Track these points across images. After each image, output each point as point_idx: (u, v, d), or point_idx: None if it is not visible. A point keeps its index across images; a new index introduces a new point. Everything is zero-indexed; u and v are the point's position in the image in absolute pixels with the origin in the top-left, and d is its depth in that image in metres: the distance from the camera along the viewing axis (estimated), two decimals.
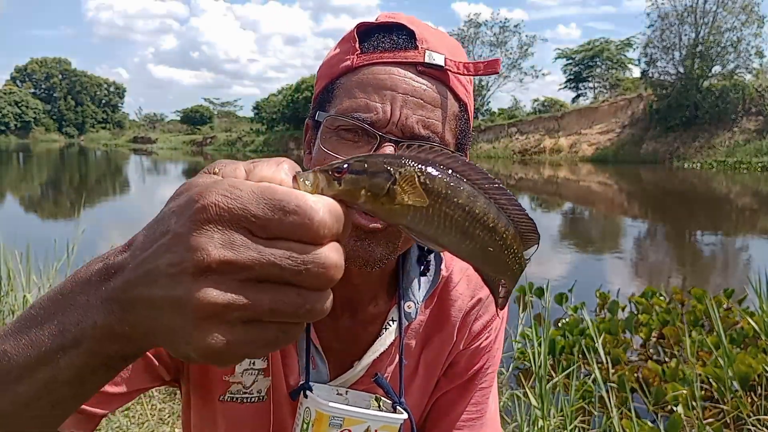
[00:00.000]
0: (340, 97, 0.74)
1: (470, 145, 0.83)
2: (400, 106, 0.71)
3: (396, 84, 0.72)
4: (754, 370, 3.28)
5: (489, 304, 0.94)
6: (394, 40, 0.74)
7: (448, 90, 0.75)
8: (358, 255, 0.73)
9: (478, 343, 0.92)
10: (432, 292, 0.89)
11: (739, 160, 27.46)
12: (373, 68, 0.73)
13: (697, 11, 33.90)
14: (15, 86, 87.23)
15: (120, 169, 32.81)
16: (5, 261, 3.98)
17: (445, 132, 0.74)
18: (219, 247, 0.36)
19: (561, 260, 8.50)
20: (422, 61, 0.73)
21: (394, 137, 0.71)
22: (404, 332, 0.86)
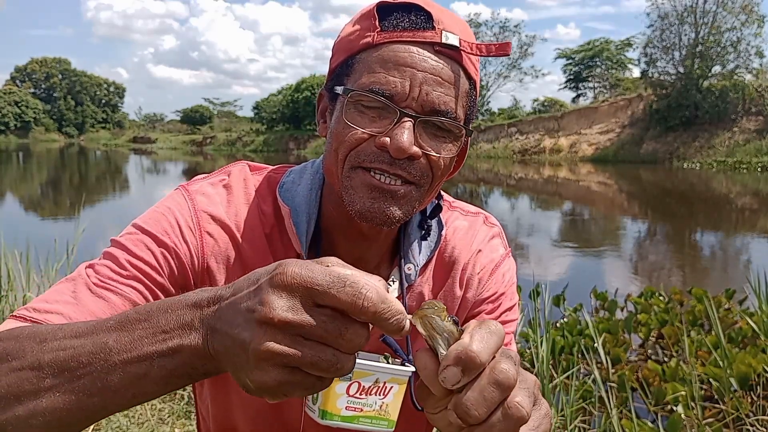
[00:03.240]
0: (360, 72, 0.78)
1: (476, 116, 0.87)
2: (420, 83, 0.75)
3: (415, 62, 0.76)
4: (754, 369, 3.28)
5: (491, 253, 0.97)
6: (412, 20, 0.77)
7: (461, 69, 0.80)
8: (374, 214, 0.78)
9: (490, 292, 0.95)
10: (432, 255, 0.92)
11: (739, 160, 27.45)
12: (393, 46, 0.77)
13: (697, 11, 33.88)
14: (15, 86, 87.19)
15: (120, 169, 32.80)
16: (5, 261, 3.98)
17: (458, 108, 0.79)
18: (283, 307, 0.46)
19: (560, 260, 8.51)
20: (439, 41, 0.77)
21: (413, 112, 0.76)
22: (406, 292, 0.90)
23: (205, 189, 0.87)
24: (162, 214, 0.83)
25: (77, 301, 0.74)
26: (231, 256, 0.85)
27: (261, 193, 0.89)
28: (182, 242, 0.82)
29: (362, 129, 0.77)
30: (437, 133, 0.79)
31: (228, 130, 62.22)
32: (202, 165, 34.60)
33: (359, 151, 0.77)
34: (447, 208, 0.98)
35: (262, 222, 0.87)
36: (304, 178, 0.90)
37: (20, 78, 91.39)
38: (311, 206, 0.87)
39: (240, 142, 55.11)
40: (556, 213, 14.92)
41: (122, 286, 0.76)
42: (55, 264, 4.15)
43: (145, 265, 0.79)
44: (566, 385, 3.19)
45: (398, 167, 0.77)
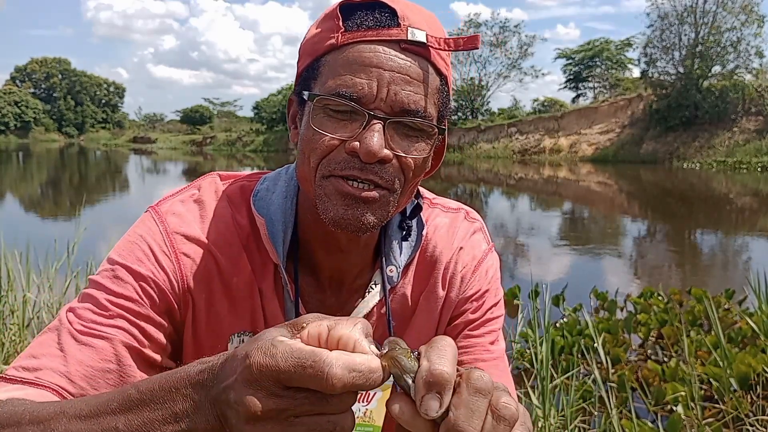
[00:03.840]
0: (326, 75, 0.76)
1: (450, 114, 0.85)
2: (387, 83, 0.73)
3: (382, 62, 0.74)
4: (754, 369, 3.28)
5: (473, 249, 0.95)
6: (377, 18, 0.75)
7: (430, 65, 0.77)
8: (349, 222, 0.76)
9: (473, 290, 0.94)
10: (414, 255, 0.91)
11: (739, 160, 27.44)
12: (357, 46, 0.75)
13: (697, 11, 33.87)
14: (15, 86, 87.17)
15: (120, 169, 32.80)
16: (5, 261, 3.97)
17: (428, 106, 0.76)
18: (261, 399, 0.47)
19: (560, 260, 8.51)
20: (405, 38, 0.74)
21: (383, 113, 0.74)
22: (388, 295, 0.89)
23: (175, 208, 0.85)
24: (134, 243, 0.82)
25: (64, 353, 0.73)
26: (211, 274, 0.84)
27: (235, 203, 0.87)
28: (159, 269, 0.81)
29: (331, 134, 0.75)
30: (409, 133, 0.77)
31: (228, 130, 62.20)
32: (202, 165, 34.60)
33: (330, 159, 0.76)
34: (428, 205, 0.96)
35: (238, 233, 0.86)
36: (279, 186, 0.88)
37: (20, 78, 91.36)
38: (287, 215, 0.86)
39: (240, 142, 55.11)
40: (555, 213, 14.92)
41: (107, 329, 0.76)
42: (55, 264, 4.15)
43: (125, 300, 0.78)
44: (566, 385, 3.18)
45: (370, 172, 0.75)
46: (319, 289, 0.89)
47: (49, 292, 3.97)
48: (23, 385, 0.71)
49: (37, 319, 3.74)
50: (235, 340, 0.85)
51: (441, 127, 0.79)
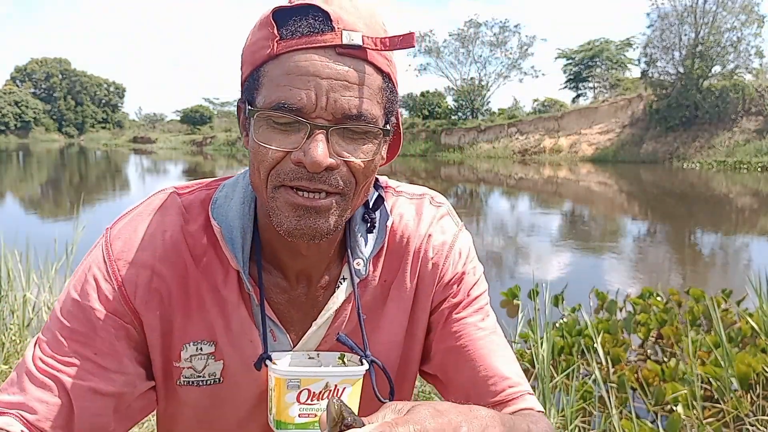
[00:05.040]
0: (266, 86, 0.75)
1: (398, 109, 0.85)
2: (326, 92, 0.73)
3: (318, 70, 0.73)
4: (754, 369, 3.28)
5: (441, 234, 0.95)
6: (310, 23, 0.74)
7: (369, 66, 0.76)
8: (302, 232, 0.77)
9: (450, 275, 0.94)
10: (381, 246, 0.91)
11: (739, 160, 27.44)
12: (293, 55, 0.74)
13: (697, 11, 33.86)
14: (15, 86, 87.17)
15: (120, 169, 32.81)
16: (5, 261, 3.97)
17: (371, 107, 0.75)
18: None
19: (560, 260, 8.51)
20: (340, 43, 0.73)
21: (326, 122, 0.73)
22: (357, 288, 0.89)
23: (122, 231, 0.87)
24: (84, 273, 0.85)
25: (24, 391, 0.80)
26: (160, 291, 0.85)
27: (191, 213, 0.88)
28: (104, 300, 0.83)
29: (276, 147, 0.75)
30: (354, 137, 0.76)
31: (228, 130, 62.21)
32: (202, 165, 34.61)
33: (278, 170, 0.76)
34: (392, 194, 0.96)
35: (189, 246, 0.86)
36: (237, 192, 0.89)
37: (20, 78, 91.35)
38: (245, 220, 0.86)
39: (240, 142, 55.10)
40: (555, 213, 14.92)
41: (61, 366, 0.81)
42: (54, 264, 4.15)
43: (77, 335, 0.82)
44: (566, 386, 3.19)
45: (318, 181, 0.75)
46: (288, 288, 0.90)
47: (49, 292, 3.97)
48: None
49: (37, 319, 3.74)
50: (189, 348, 0.87)
51: (385, 129, 0.79)
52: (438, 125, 43.24)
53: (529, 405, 0.89)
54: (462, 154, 39.66)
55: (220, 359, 0.88)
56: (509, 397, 0.89)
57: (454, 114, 46.43)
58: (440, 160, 36.43)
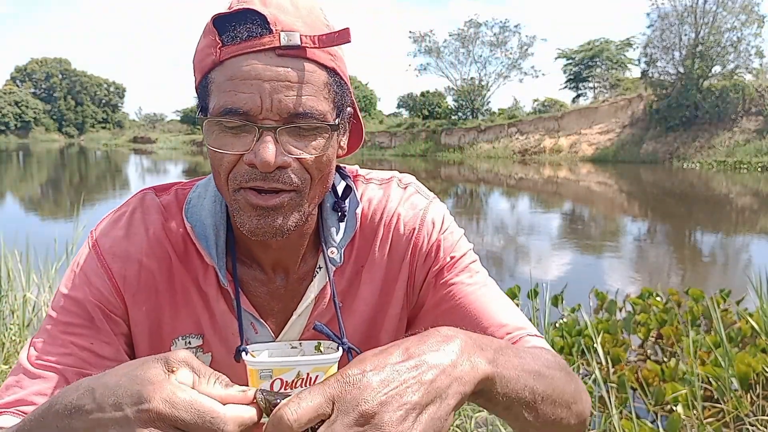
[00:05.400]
0: (214, 92, 0.77)
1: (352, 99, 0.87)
2: (269, 93, 0.74)
3: (259, 73, 0.74)
4: (754, 369, 3.28)
5: (411, 210, 0.95)
6: (249, 28, 0.75)
7: (312, 63, 0.77)
8: (263, 231, 0.80)
9: (426, 246, 0.95)
10: (353, 233, 0.93)
11: (739, 160, 27.43)
12: (236, 60, 0.75)
13: (697, 11, 33.85)
14: (15, 86, 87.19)
15: (120, 169, 32.81)
16: (5, 261, 3.98)
17: (317, 104, 0.77)
18: None
19: (559, 260, 8.51)
20: (279, 44, 0.75)
21: (273, 122, 0.75)
22: (332, 276, 0.91)
23: (106, 229, 0.90)
24: (73, 271, 0.88)
25: (22, 388, 0.81)
26: (148, 285, 0.88)
27: (170, 211, 0.91)
28: (95, 291, 0.85)
29: (229, 152, 0.77)
30: (303, 134, 0.78)
31: None
32: (202, 165, 34.60)
33: (235, 173, 0.78)
34: (362, 182, 0.98)
35: (171, 241, 0.89)
36: (209, 191, 0.92)
37: (20, 78, 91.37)
38: (216, 217, 0.89)
39: None
40: (555, 213, 14.92)
41: (58, 357, 0.82)
42: (55, 264, 4.15)
43: (72, 327, 0.84)
44: None
45: (272, 180, 0.77)
46: (266, 280, 0.92)
47: (49, 292, 3.97)
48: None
49: (37, 319, 3.74)
50: (179, 342, 0.90)
51: (333, 124, 0.80)
52: (438, 125, 43.23)
53: (534, 345, 0.87)
54: (462, 154, 39.65)
55: (209, 351, 0.90)
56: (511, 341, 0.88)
57: (454, 114, 46.44)
58: (440, 160, 36.44)
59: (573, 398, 0.79)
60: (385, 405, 0.55)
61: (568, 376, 0.81)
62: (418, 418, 0.56)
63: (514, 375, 0.69)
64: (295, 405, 0.55)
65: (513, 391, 0.68)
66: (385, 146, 44.12)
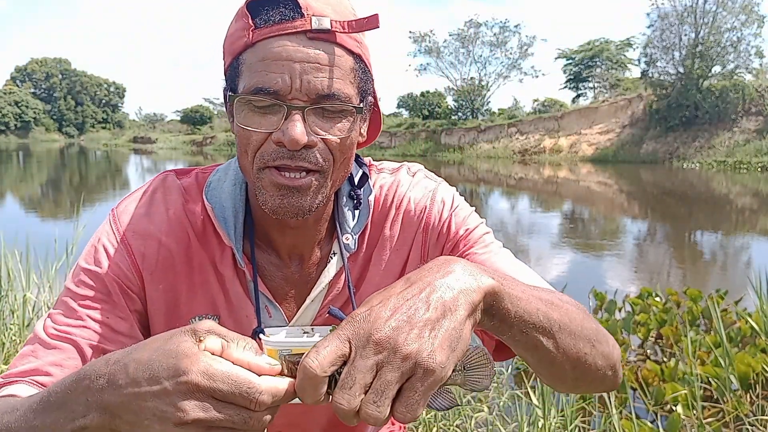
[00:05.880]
0: (245, 73, 0.81)
1: (374, 88, 0.90)
2: (299, 74, 0.78)
3: (291, 54, 0.78)
4: (753, 369, 3.28)
5: (419, 193, 0.98)
6: (281, 12, 0.79)
7: (340, 48, 0.81)
8: (286, 210, 0.82)
9: (438, 228, 0.97)
10: (367, 220, 0.96)
11: (739, 160, 27.43)
12: (268, 42, 0.79)
13: (697, 11, 33.85)
14: (15, 86, 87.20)
15: (120, 169, 32.81)
16: (5, 261, 3.97)
17: (343, 87, 0.81)
18: (195, 409, 0.54)
19: (559, 260, 8.51)
20: (310, 28, 0.78)
21: (302, 102, 0.79)
22: (347, 262, 0.94)
23: (128, 207, 0.92)
24: (93, 246, 0.90)
25: (38, 358, 0.82)
26: (166, 263, 0.90)
27: (190, 193, 0.94)
28: (114, 266, 0.87)
29: (257, 129, 0.80)
30: (329, 115, 0.81)
31: (228, 131, 62.11)
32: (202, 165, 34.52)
33: (262, 151, 0.81)
34: (375, 172, 1.02)
35: (191, 222, 0.91)
36: (229, 175, 0.94)
37: (20, 78, 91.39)
38: (236, 200, 0.91)
39: None
40: (555, 213, 14.92)
41: (75, 330, 0.83)
42: (55, 264, 4.15)
43: (90, 301, 0.85)
44: None
45: (299, 159, 0.80)
46: (281, 265, 0.94)
47: (49, 292, 3.97)
48: (5, 387, 0.79)
49: (37, 319, 3.74)
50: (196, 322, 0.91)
51: (358, 107, 0.83)
52: (438, 125, 43.22)
53: None
54: (462, 154, 39.64)
55: None
56: None
57: (454, 114, 46.44)
58: (440, 160, 36.43)
59: (596, 336, 0.78)
60: (398, 329, 0.55)
61: (587, 316, 0.79)
62: (432, 333, 0.56)
63: (524, 296, 0.68)
64: (315, 353, 0.55)
65: (524, 311, 0.67)
66: (385, 146, 44.11)
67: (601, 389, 0.84)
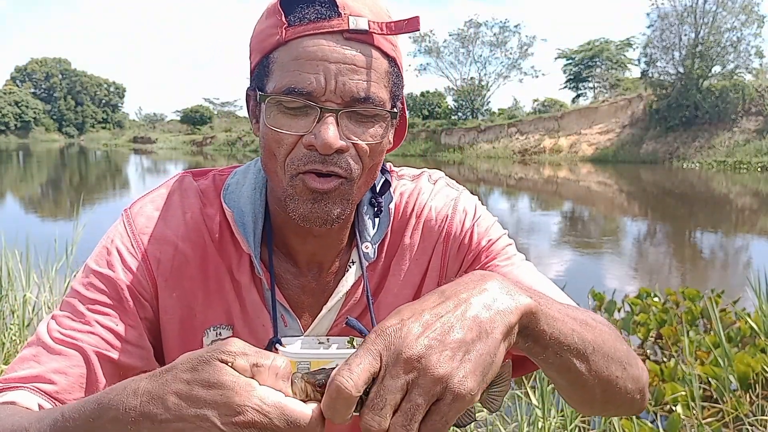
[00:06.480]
0: (276, 73, 0.77)
1: (403, 94, 0.86)
2: (334, 75, 0.74)
3: (326, 54, 0.74)
4: (753, 369, 3.28)
5: (441, 201, 0.95)
6: (317, 10, 0.75)
7: (376, 50, 0.78)
8: (316, 216, 0.78)
9: (459, 238, 0.93)
10: (387, 229, 0.92)
11: (739, 160, 27.43)
12: (302, 41, 0.75)
13: (697, 11, 33.86)
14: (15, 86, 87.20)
15: (120, 169, 32.80)
16: (5, 261, 3.98)
17: (378, 90, 0.77)
18: None
19: (559, 260, 8.51)
20: (347, 28, 0.75)
21: (335, 105, 0.75)
22: (366, 271, 0.90)
23: (144, 209, 0.88)
24: (105, 247, 0.85)
25: (40, 363, 0.76)
26: (181, 270, 0.85)
27: (208, 197, 0.89)
28: (127, 271, 0.83)
29: (288, 132, 0.76)
30: (362, 120, 0.78)
31: (228, 130, 62.11)
32: (202, 165, 34.49)
33: (293, 157, 0.77)
34: (395, 178, 0.98)
35: (208, 228, 0.87)
36: (248, 178, 0.90)
37: (20, 78, 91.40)
38: (256, 205, 0.87)
39: (240, 142, 55.07)
40: (555, 213, 14.92)
41: (81, 335, 0.78)
42: (55, 264, 4.15)
43: (100, 306, 0.80)
44: None
45: (331, 164, 0.76)
46: (299, 274, 0.91)
47: (49, 292, 3.97)
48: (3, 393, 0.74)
49: (37, 319, 3.74)
50: (210, 334, 0.87)
51: (392, 111, 0.81)
52: (438, 125, 43.23)
53: None
54: (462, 154, 39.65)
55: None
56: None
57: (454, 114, 46.45)
58: (440, 160, 36.43)
59: (627, 359, 0.75)
60: (430, 348, 0.52)
61: (618, 337, 0.76)
62: (465, 356, 0.53)
63: (559, 316, 0.65)
64: (348, 371, 0.51)
65: (560, 332, 0.64)
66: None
67: (629, 412, 0.81)
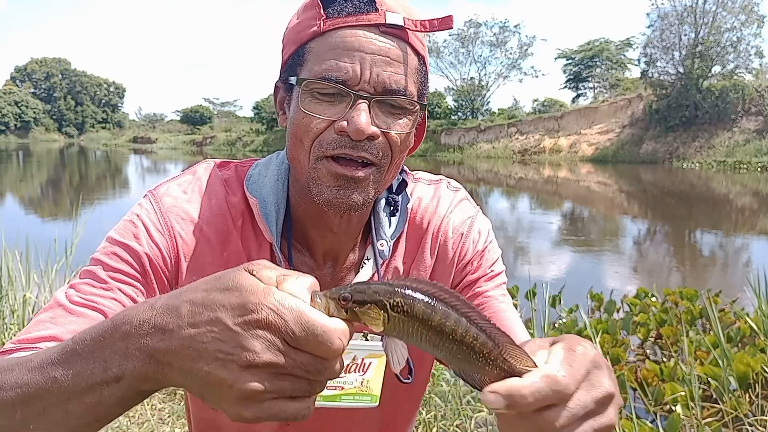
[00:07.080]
0: (311, 61, 0.80)
1: (428, 90, 0.89)
2: (369, 65, 0.78)
3: (363, 45, 0.78)
4: (752, 369, 3.29)
5: (460, 215, 0.98)
6: (356, 4, 0.79)
7: (408, 46, 0.82)
8: (341, 202, 0.80)
9: (470, 252, 0.98)
10: (402, 228, 0.95)
11: (738, 160, 27.44)
12: (339, 32, 0.79)
13: (697, 11, 33.87)
14: (15, 86, 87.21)
15: (120, 169, 32.80)
16: (5, 261, 3.98)
17: (408, 84, 0.81)
18: (265, 350, 0.49)
19: (558, 260, 8.51)
20: (384, 22, 0.79)
21: (367, 94, 0.78)
22: (380, 268, 0.93)
23: (170, 190, 0.89)
24: (131, 221, 0.85)
25: (57, 324, 0.75)
26: (203, 251, 0.87)
27: (230, 186, 0.91)
28: (154, 246, 0.83)
29: (320, 116, 0.79)
30: (392, 111, 0.81)
31: (228, 130, 62.15)
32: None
33: (321, 140, 0.79)
34: (411, 180, 1.01)
35: (232, 215, 0.89)
36: (270, 170, 0.92)
37: (20, 78, 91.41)
38: (278, 196, 0.90)
39: (240, 142, 55.10)
40: (554, 213, 14.92)
41: (103, 300, 0.78)
42: (55, 264, 4.16)
43: (121, 275, 0.81)
44: None
45: (360, 149, 0.79)
46: (314, 267, 0.92)
47: (49, 292, 3.98)
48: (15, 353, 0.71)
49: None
50: None
51: (422, 103, 0.84)
52: (438, 125, 43.23)
53: None
54: (462, 154, 39.65)
55: None
56: None
57: (454, 114, 46.44)
58: (440, 160, 36.43)
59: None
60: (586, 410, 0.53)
61: None
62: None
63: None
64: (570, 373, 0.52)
65: None
66: None
67: None
